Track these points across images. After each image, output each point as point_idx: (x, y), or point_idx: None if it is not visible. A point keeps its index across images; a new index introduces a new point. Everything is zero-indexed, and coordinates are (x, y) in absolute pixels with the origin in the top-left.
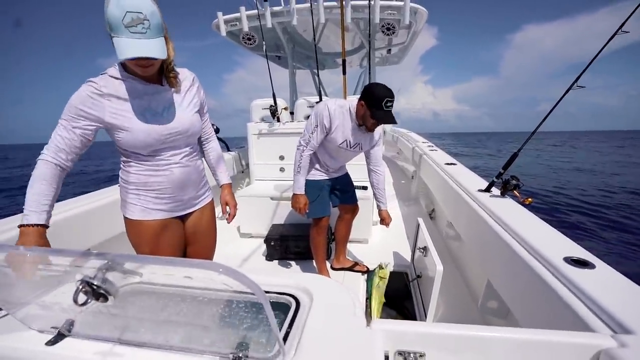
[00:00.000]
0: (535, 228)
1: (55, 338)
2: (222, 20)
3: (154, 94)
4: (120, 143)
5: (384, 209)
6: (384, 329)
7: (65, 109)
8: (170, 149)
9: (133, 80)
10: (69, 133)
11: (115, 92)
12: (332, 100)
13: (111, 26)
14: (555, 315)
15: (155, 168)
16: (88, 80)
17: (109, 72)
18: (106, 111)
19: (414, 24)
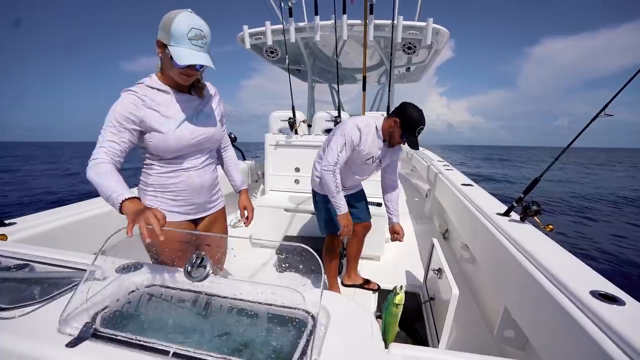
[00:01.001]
0: (558, 257)
1: (75, 340)
2: (247, 34)
3: (185, 103)
4: (151, 146)
5: (396, 222)
6: (403, 354)
7: (110, 116)
8: (193, 154)
9: (167, 90)
10: (119, 137)
11: (153, 99)
12: (359, 119)
13: (174, 37)
14: (580, 352)
15: (176, 171)
16: (127, 89)
17: (145, 82)
18: (146, 117)
19: (435, 44)
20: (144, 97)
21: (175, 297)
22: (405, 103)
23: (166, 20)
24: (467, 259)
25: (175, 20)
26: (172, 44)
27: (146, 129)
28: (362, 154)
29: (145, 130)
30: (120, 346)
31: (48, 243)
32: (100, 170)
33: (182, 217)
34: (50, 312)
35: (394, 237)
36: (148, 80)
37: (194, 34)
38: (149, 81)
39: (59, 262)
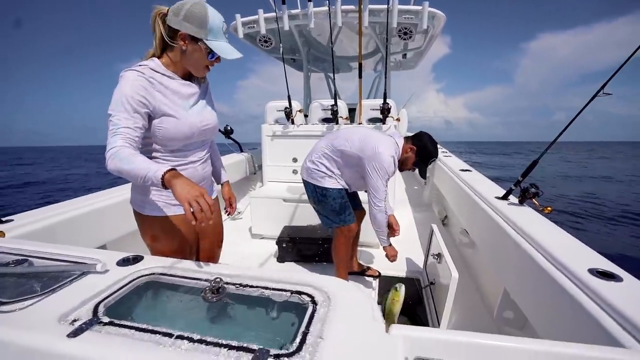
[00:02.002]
0: (556, 237)
1: (76, 330)
2: (240, 23)
3: (189, 90)
4: (159, 133)
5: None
6: (404, 334)
7: (118, 100)
8: (197, 145)
9: (172, 75)
10: (133, 122)
11: (161, 84)
12: (389, 148)
13: (212, 32)
14: (580, 329)
15: (182, 165)
16: (131, 69)
17: (149, 65)
18: (157, 99)
19: (431, 28)
20: (151, 78)
21: (176, 284)
22: (423, 133)
23: (196, 12)
24: (466, 243)
25: (209, 15)
26: (210, 39)
27: (156, 113)
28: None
29: (155, 114)
30: (122, 333)
31: (46, 239)
32: (122, 155)
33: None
34: (50, 304)
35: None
36: (152, 64)
37: (225, 28)
38: (153, 64)
39: (58, 257)
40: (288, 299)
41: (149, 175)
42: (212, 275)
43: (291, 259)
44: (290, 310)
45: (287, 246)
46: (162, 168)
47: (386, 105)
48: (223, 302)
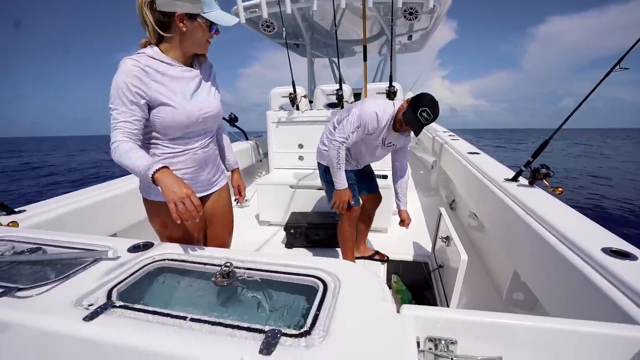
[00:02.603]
0: (568, 218)
1: (92, 314)
2: (242, 7)
3: (189, 77)
4: (158, 122)
5: (404, 209)
6: (415, 314)
7: (115, 94)
8: (198, 133)
9: (171, 62)
10: (131, 115)
11: (157, 71)
12: (380, 104)
13: (206, 3)
14: (593, 307)
15: (182, 150)
16: (127, 57)
17: (147, 52)
18: (152, 89)
19: (438, 7)
20: (147, 67)
21: (187, 269)
22: (423, 93)
23: None
24: (474, 227)
25: None
26: (206, 11)
27: (153, 103)
28: (374, 137)
29: (153, 104)
30: (136, 316)
31: (59, 228)
32: (122, 151)
33: None
34: (66, 290)
35: (401, 223)
36: (150, 51)
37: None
38: (151, 52)
39: (70, 245)
40: (298, 282)
41: (142, 172)
42: (222, 260)
43: (299, 245)
44: (300, 293)
45: (295, 232)
46: (153, 166)
47: (392, 89)
48: (234, 286)
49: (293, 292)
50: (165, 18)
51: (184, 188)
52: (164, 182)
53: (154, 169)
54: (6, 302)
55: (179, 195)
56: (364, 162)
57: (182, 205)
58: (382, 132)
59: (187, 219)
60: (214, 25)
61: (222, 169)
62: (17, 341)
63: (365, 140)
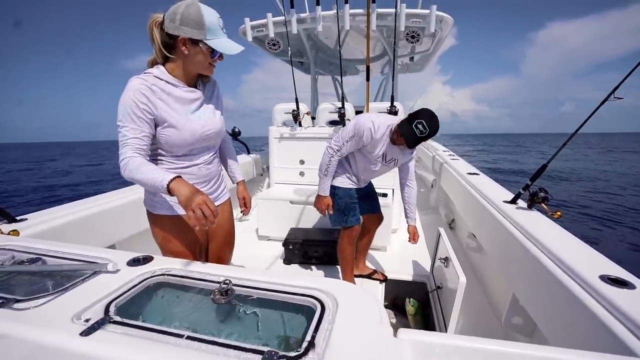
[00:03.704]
0: (566, 243)
1: (89, 329)
2: (249, 26)
3: (193, 97)
4: (163, 140)
5: (412, 224)
6: (412, 339)
7: (123, 111)
8: (202, 151)
9: (176, 83)
10: (139, 132)
11: (163, 91)
12: (378, 117)
13: (210, 30)
14: (591, 337)
15: (186, 166)
16: (135, 77)
17: (154, 73)
18: (158, 107)
19: (439, 31)
20: (153, 86)
21: (186, 285)
22: (424, 107)
23: (192, 15)
24: (473, 247)
25: (204, 15)
26: (210, 38)
27: (159, 121)
28: (371, 150)
29: (158, 122)
30: (134, 332)
31: (59, 238)
32: (132, 166)
33: None
34: (63, 303)
35: (410, 239)
36: (157, 71)
37: (222, 23)
38: (158, 72)
39: (70, 256)
40: (296, 302)
41: (155, 184)
42: (221, 277)
43: (297, 261)
44: (298, 313)
45: (294, 248)
46: (167, 177)
47: (393, 108)
48: (232, 304)
49: (291, 311)
50: (170, 40)
51: (200, 194)
52: (180, 190)
53: (169, 179)
54: (3, 314)
55: (197, 202)
56: (365, 179)
57: (200, 212)
58: (380, 145)
59: (205, 225)
60: (216, 51)
61: (225, 184)
62: (13, 354)
63: (364, 154)
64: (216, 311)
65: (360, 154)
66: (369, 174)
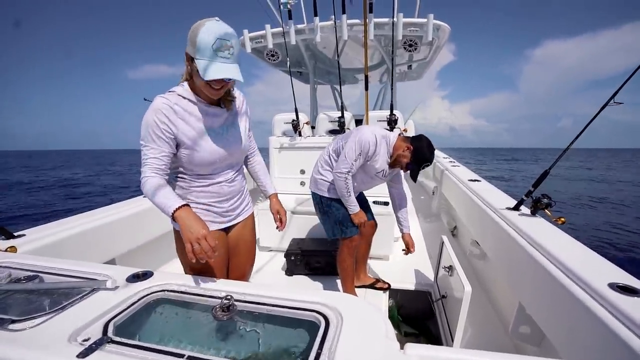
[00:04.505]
0: (572, 250)
1: (86, 350)
2: (248, 38)
3: (215, 116)
4: (184, 159)
5: (407, 232)
6: (419, 354)
7: (145, 131)
8: (224, 169)
9: (199, 102)
10: (159, 152)
11: (185, 111)
12: (377, 129)
13: (199, 50)
14: (601, 346)
15: (207, 184)
16: (159, 96)
17: (177, 91)
18: (179, 128)
19: (436, 40)
20: (176, 105)
21: (187, 301)
22: (423, 136)
23: (192, 31)
24: (477, 255)
25: (200, 32)
26: (197, 57)
27: (180, 141)
28: (373, 165)
29: (179, 142)
30: (133, 353)
31: (57, 254)
32: (148, 187)
33: (215, 226)
34: (60, 323)
35: (405, 249)
36: (180, 90)
37: (220, 45)
38: (181, 90)
39: (68, 273)
40: (299, 317)
41: (164, 209)
42: (222, 292)
43: (300, 272)
44: (301, 328)
45: (296, 259)
46: (174, 204)
47: (393, 117)
48: (234, 321)
49: (295, 327)
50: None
51: (201, 229)
52: (183, 221)
53: (175, 207)
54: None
55: (195, 236)
56: (357, 191)
57: (198, 246)
58: (381, 160)
59: (202, 259)
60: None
61: (249, 199)
62: None
63: (364, 169)
64: (218, 328)
65: (361, 168)
66: (365, 186)
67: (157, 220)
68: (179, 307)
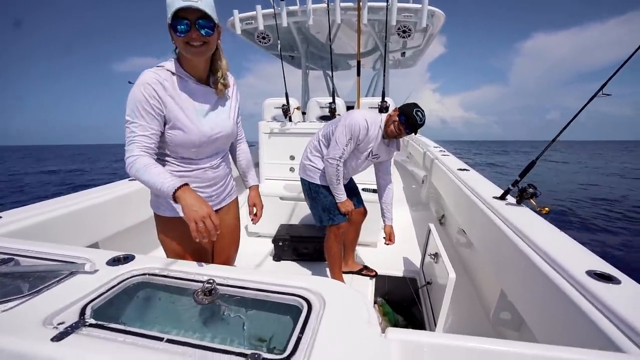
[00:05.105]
0: (554, 238)
1: (61, 334)
2: (238, 19)
3: (204, 95)
4: (169, 140)
5: (389, 224)
6: (400, 338)
7: (132, 107)
8: (208, 153)
9: (188, 78)
10: (149, 130)
11: (173, 88)
12: (367, 113)
13: (169, 6)
14: (577, 331)
15: (191, 169)
16: (148, 70)
17: (166, 66)
18: (168, 106)
19: (431, 27)
20: (165, 81)
21: (168, 285)
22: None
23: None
24: (463, 243)
25: None
26: (168, 14)
27: (167, 120)
28: (363, 149)
29: (167, 120)
30: (110, 336)
31: (37, 237)
32: (139, 166)
33: None
34: (35, 306)
35: (386, 240)
36: (169, 64)
37: None
38: (170, 65)
39: (46, 256)
40: (282, 302)
41: (162, 189)
42: (205, 276)
43: (287, 258)
44: (284, 313)
45: (284, 245)
46: (174, 183)
47: (384, 104)
48: (216, 305)
49: (277, 311)
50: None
51: (205, 207)
52: (186, 200)
53: (176, 186)
54: None
55: (200, 214)
56: (347, 177)
57: (202, 224)
58: (372, 142)
59: (206, 237)
60: (177, 26)
61: (233, 184)
62: None
63: (355, 153)
64: (200, 312)
65: (351, 152)
66: (353, 171)
67: (143, 204)
68: (160, 291)
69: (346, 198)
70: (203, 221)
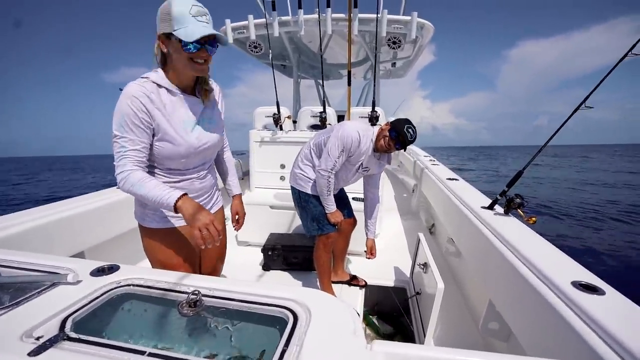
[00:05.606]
0: (540, 249)
1: (38, 348)
2: (230, 28)
3: (191, 106)
4: (156, 152)
5: (371, 238)
6: (386, 351)
7: (121, 121)
8: (195, 164)
9: (174, 90)
10: (139, 144)
11: (160, 100)
12: (359, 125)
13: (177, 20)
14: (563, 343)
15: (178, 180)
16: (132, 83)
17: (151, 77)
18: (156, 119)
19: (420, 38)
20: (151, 94)
21: (153, 297)
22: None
23: (164, 8)
24: (452, 253)
25: (173, 4)
26: (176, 28)
27: (155, 131)
28: (354, 162)
29: (154, 132)
30: (90, 350)
31: (19, 246)
32: (133, 181)
33: (183, 222)
34: (14, 318)
35: (368, 254)
36: (155, 76)
37: (196, 11)
38: (156, 77)
39: (28, 266)
40: (268, 314)
41: (161, 201)
42: (191, 287)
43: (277, 267)
44: (270, 324)
45: (273, 254)
46: (174, 194)
47: (375, 113)
48: (201, 316)
49: (264, 323)
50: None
51: (207, 214)
52: (188, 210)
53: (176, 197)
54: None
55: (204, 222)
56: (337, 188)
57: (207, 232)
58: (363, 155)
59: (211, 244)
60: (188, 44)
61: (219, 193)
62: None
63: (345, 164)
64: (184, 324)
65: (342, 164)
66: (344, 182)
67: (131, 212)
68: (145, 302)
69: (336, 209)
70: (207, 228)
